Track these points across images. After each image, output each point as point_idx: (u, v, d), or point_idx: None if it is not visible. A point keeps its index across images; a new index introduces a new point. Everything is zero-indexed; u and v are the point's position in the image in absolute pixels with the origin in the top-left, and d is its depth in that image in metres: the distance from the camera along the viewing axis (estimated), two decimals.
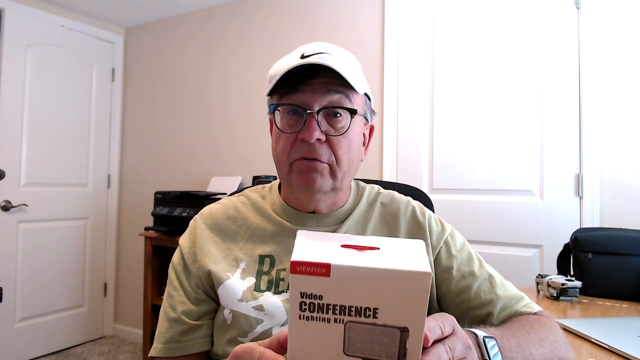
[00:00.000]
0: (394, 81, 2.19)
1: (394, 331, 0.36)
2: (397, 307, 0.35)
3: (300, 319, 0.36)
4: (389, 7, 2.21)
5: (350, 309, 0.36)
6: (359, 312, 0.36)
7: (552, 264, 1.69)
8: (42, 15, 2.77)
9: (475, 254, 0.77)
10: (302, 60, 0.67)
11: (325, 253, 0.37)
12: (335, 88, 0.67)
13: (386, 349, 0.36)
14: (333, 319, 0.36)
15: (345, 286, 0.35)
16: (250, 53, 2.69)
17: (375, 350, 0.36)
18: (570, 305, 1.21)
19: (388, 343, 0.36)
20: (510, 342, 0.58)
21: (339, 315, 0.36)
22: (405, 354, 0.36)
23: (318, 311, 0.36)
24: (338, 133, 0.68)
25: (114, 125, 3.24)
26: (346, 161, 0.70)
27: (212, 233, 0.76)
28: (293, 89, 0.67)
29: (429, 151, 2.11)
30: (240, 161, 2.70)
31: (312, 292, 0.36)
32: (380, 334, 0.36)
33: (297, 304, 0.36)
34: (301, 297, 0.36)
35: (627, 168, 1.69)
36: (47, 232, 2.81)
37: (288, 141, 0.69)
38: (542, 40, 1.87)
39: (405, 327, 0.36)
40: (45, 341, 2.78)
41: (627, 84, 1.70)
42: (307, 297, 0.36)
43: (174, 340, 0.71)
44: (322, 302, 0.36)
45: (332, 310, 0.36)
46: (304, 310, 0.36)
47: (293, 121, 0.69)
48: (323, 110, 0.67)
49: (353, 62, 0.72)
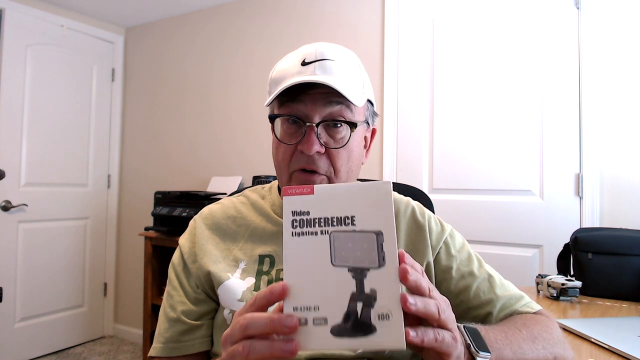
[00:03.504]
0: (394, 81, 2.19)
1: (371, 235, 0.42)
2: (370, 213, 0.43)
3: (292, 236, 0.43)
4: (389, 7, 2.21)
5: (333, 220, 0.43)
6: (340, 221, 0.43)
7: (552, 264, 1.69)
8: (42, 15, 2.77)
9: (474, 254, 0.77)
10: (303, 68, 0.66)
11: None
12: (336, 99, 0.66)
13: (367, 254, 0.42)
14: (319, 231, 0.43)
15: (327, 200, 0.44)
16: (252, 53, 2.69)
17: (358, 257, 0.42)
18: (570, 305, 1.21)
19: (368, 248, 0.42)
20: (497, 335, 0.57)
21: (324, 226, 0.43)
22: (384, 258, 0.42)
23: (307, 226, 0.43)
24: (338, 145, 0.68)
25: (114, 125, 3.24)
26: (344, 171, 0.70)
27: (212, 233, 0.76)
28: (293, 98, 0.66)
29: (429, 151, 2.11)
30: (240, 161, 2.70)
31: (300, 209, 0.44)
32: (360, 240, 0.42)
33: (289, 222, 0.44)
34: (292, 215, 0.44)
35: (627, 168, 1.69)
36: (47, 232, 2.81)
37: (287, 151, 0.69)
38: (542, 40, 1.87)
39: (380, 231, 0.42)
40: (45, 341, 2.78)
41: (627, 84, 1.70)
42: (297, 215, 0.44)
43: (173, 340, 0.71)
44: (310, 217, 0.44)
45: (318, 223, 0.43)
46: (295, 227, 0.43)
47: (292, 130, 0.68)
48: (323, 122, 0.67)
49: (355, 68, 0.71)
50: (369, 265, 0.41)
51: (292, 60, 0.70)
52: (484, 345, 0.51)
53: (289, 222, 0.43)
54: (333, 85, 0.63)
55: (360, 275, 0.41)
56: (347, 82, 0.66)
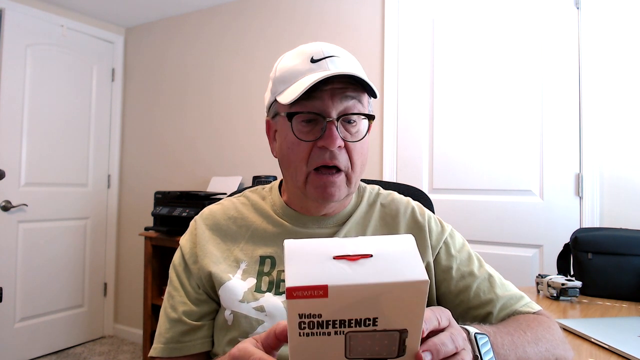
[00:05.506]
0: (394, 81, 2.19)
1: (394, 334, 0.37)
2: (396, 314, 0.36)
3: (300, 336, 0.37)
4: (389, 7, 2.21)
5: (350, 322, 0.36)
6: (359, 323, 0.36)
7: (552, 264, 1.69)
8: (42, 15, 2.77)
9: (474, 254, 0.78)
10: (315, 65, 0.67)
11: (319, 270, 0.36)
12: (351, 94, 0.67)
13: (386, 348, 0.38)
14: (333, 332, 0.37)
15: (344, 303, 0.36)
16: (252, 53, 2.69)
17: (376, 351, 0.38)
18: (570, 305, 1.21)
19: (388, 344, 0.38)
20: (504, 340, 0.58)
21: (339, 328, 0.36)
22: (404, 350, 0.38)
23: (318, 327, 0.36)
24: (355, 139, 0.69)
25: (114, 125, 3.24)
26: (360, 165, 0.71)
27: (212, 234, 0.76)
28: (307, 95, 0.65)
29: (429, 151, 2.11)
30: (240, 161, 2.70)
31: (310, 312, 0.36)
32: (380, 338, 0.37)
33: (296, 324, 0.36)
34: (300, 318, 0.36)
35: (627, 168, 1.69)
36: (47, 232, 2.81)
37: (304, 149, 0.68)
38: (542, 40, 1.87)
39: (404, 329, 0.37)
40: (45, 341, 2.78)
41: (627, 84, 1.70)
42: (306, 317, 0.36)
43: (174, 340, 0.71)
44: (322, 319, 0.36)
45: (332, 325, 0.36)
46: (304, 329, 0.36)
47: (309, 128, 0.68)
48: (342, 117, 0.67)
49: (358, 63, 0.73)
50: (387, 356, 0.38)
51: (298, 59, 0.70)
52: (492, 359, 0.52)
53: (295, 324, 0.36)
54: (360, 75, 0.64)
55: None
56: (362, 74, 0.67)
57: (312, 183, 0.68)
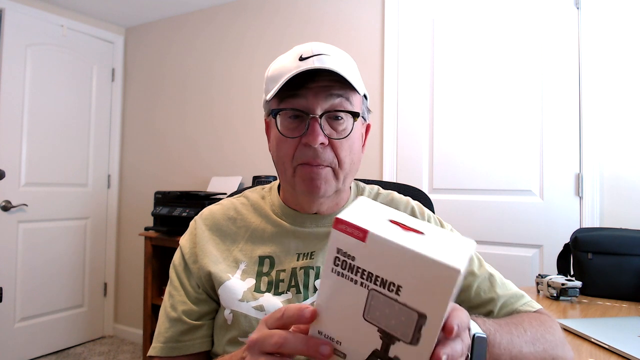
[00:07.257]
0: (394, 81, 2.19)
1: (413, 314, 0.37)
2: (421, 291, 0.36)
3: (332, 272, 0.39)
4: (389, 7, 2.21)
5: (377, 278, 0.38)
6: (384, 284, 0.37)
7: (552, 264, 1.69)
8: (42, 15, 2.77)
9: (475, 254, 0.77)
10: (302, 62, 0.66)
11: (371, 221, 0.39)
12: (336, 92, 0.67)
13: (402, 327, 0.38)
14: (360, 282, 0.38)
15: (377, 255, 0.37)
16: (252, 53, 2.69)
17: (392, 324, 0.38)
18: (570, 305, 1.21)
19: (405, 322, 0.37)
20: (503, 339, 0.58)
21: (365, 280, 0.38)
22: (418, 339, 0.37)
23: (349, 270, 0.39)
24: (340, 136, 0.68)
25: (114, 125, 3.24)
26: (348, 163, 0.70)
27: (212, 234, 0.76)
28: (293, 93, 0.67)
29: (429, 151, 2.11)
30: (240, 161, 2.70)
31: (347, 251, 0.38)
32: (399, 311, 0.37)
33: (332, 257, 0.39)
34: (337, 253, 0.39)
35: (627, 168, 1.69)
36: (47, 232, 2.81)
37: (291, 145, 0.68)
38: (542, 40, 1.87)
39: (424, 314, 0.36)
40: (45, 341, 2.78)
41: (627, 84, 1.70)
42: (342, 254, 0.39)
43: (173, 339, 0.71)
44: (354, 263, 0.38)
45: (361, 273, 0.38)
46: (337, 265, 0.39)
47: (294, 125, 0.68)
48: (325, 114, 0.67)
49: (350, 62, 0.72)
50: (400, 337, 0.38)
51: (288, 58, 0.70)
52: None
53: (332, 257, 0.39)
54: (337, 70, 0.64)
55: (388, 340, 0.39)
56: (347, 70, 0.67)
57: (300, 175, 0.69)
